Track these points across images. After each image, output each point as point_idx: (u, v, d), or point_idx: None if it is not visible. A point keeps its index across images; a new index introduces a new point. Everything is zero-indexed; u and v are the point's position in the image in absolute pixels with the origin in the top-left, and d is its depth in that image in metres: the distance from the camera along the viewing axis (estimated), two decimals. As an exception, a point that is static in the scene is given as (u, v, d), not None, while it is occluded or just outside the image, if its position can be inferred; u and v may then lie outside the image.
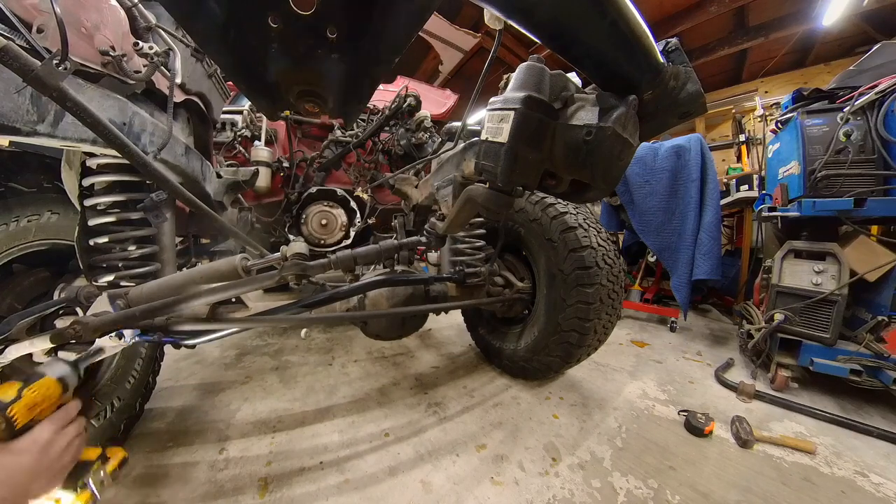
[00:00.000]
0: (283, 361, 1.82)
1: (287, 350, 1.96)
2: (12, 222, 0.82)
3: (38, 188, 0.88)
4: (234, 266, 0.84)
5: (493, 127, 0.64)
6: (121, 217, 0.89)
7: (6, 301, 0.92)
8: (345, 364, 1.81)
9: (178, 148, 0.89)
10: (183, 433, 1.23)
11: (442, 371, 1.78)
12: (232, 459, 1.12)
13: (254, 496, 0.99)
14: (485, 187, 0.72)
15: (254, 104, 0.92)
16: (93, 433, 1.00)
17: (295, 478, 1.05)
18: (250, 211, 1.64)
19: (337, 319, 1.48)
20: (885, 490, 1.08)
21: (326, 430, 1.27)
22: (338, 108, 0.69)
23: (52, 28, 0.61)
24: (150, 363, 1.24)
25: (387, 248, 0.98)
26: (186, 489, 1.00)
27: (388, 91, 2.08)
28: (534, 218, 1.48)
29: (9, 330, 0.80)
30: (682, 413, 1.43)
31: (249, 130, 1.80)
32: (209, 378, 1.62)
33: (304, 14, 0.41)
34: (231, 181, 1.31)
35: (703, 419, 1.34)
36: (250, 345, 2.01)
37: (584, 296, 1.35)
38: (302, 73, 0.58)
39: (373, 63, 0.51)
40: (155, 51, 0.81)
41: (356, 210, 1.82)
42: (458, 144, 0.96)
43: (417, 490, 1.02)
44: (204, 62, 1.11)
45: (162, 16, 0.91)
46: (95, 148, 0.71)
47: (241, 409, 1.39)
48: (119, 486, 0.99)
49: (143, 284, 0.87)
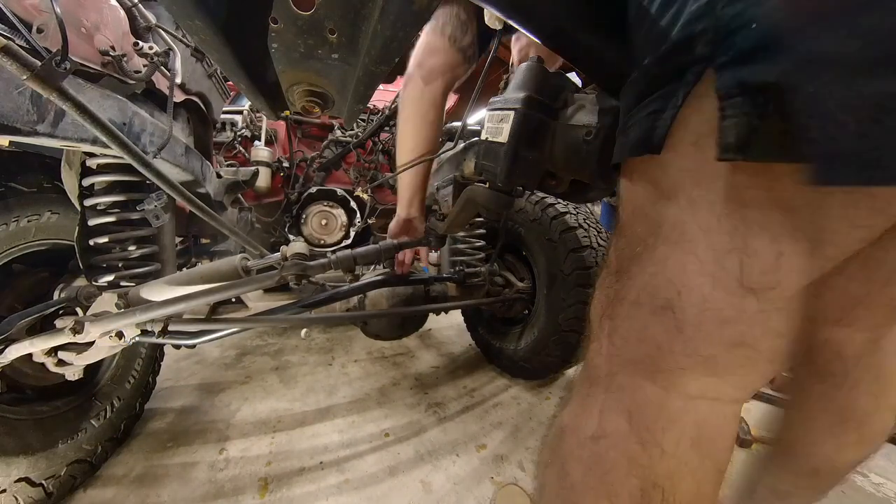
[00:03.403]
0: (283, 361, 1.82)
1: (287, 350, 1.96)
2: (12, 222, 0.82)
3: (38, 188, 0.88)
4: (234, 266, 0.84)
5: (493, 127, 0.64)
6: (121, 217, 0.88)
7: (6, 301, 0.92)
8: (345, 364, 1.81)
9: (178, 148, 0.89)
10: (183, 433, 1.23)
11: (442, 371, 1.78)
12: (232, 459, 1.12)
13: (254, 496, 0.99)
14: (485, 187, 0.72)
15: (254, 104, 0.92)
16: (93, 433, 1.00)
17: (295, 478, 1.05)
18: (250, 211, 1.65)
19: (337, 319, 1.48)
20: (885, 490, 1.08)
21: (326, 430, 1.27)
22: (338, 108, 0.69)
23: (52, 28, 0.61)
24: (150, 363, 1.24)
25: (387, 248, 0.98)
26: (186, 489, 1.00)
27: (388, 91, 2.08)
28: (534, 218, 1.48)
29: (9, 330, 0.80)
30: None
31: (249, 130, 1.80)
32: (209, 378, 1.62)
33: (304, 14, 0.41)
34: (231, 181, 1.32)
35: (703, 419, 1.34)
36: (250, 345, 2.01)
37: (585, 296, 1.35)
38: (302, 73, 0.58)
39: (373, 63, 0.51)
40: (155, 51, 0.81)
41: (356, 210, 1.82)
42: (458, 144, 0.96)
43: (417, 490, 1.02)
44: (204, 62, 1.11)
45: (162, 16, 0.91)
46: (95, 148, 0.71)
47: (241, 409, 1.39)
48: (119, 486, 0.99)
49: (143, 284, 0.87)
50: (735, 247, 0.31)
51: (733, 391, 0.35)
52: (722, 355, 0.33)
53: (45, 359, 0.84)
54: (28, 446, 0.85)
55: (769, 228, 0.30)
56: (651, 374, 0.36)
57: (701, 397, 0.35)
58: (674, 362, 0.34)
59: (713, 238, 0.32)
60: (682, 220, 0.34)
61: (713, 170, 0.31)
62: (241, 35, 0.47)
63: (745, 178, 0.30)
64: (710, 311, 0.32)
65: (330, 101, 0.66)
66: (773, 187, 0.29)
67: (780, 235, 0.30)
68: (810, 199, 0.28)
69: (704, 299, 0.33)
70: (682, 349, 0.34)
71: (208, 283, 0.83)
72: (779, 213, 0.30)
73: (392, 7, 0.40)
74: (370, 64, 0.51)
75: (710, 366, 0.33)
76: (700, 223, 0.33)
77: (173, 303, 0.79)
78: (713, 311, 0.32)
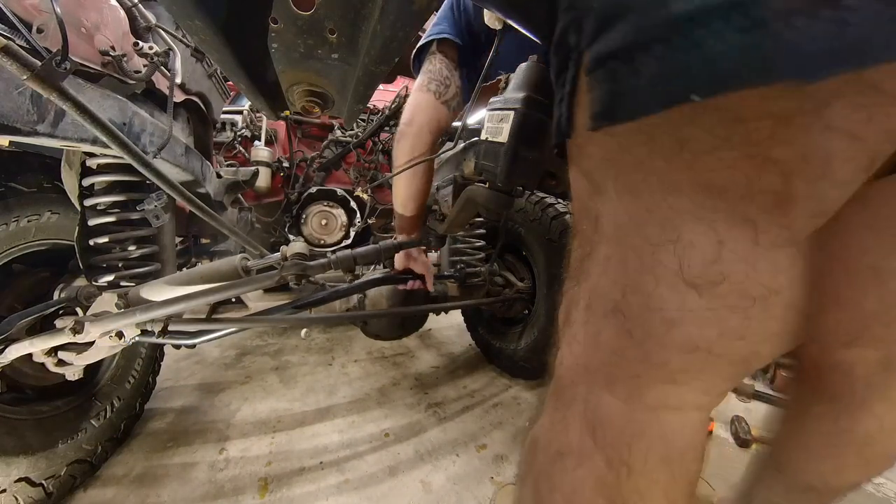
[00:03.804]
0: (283, 361, 1.82)
1: (287, 350, 1.96)
2: (12, 222, 0.82)
3: (38, 188, 0.88)
4: (234, 266, 0.84)
5: (493, 127, 0.64)
6: (121, 217, 0.89)
7: (6, 301, 0.92)
8: (345, 364, 1.81)
9: (178, 148, 0.89)
10: (183, 433, 1.22)
11: (442, 371, 1.78)
12: (232, 459, 1.12)
13: (254, 496, 0.99)
14: (485, 187, 0.72)
15: (254, 104, 0.92)
16: (93, 433, 1.00)
17: (295, 478, 1.05)
18: (250, 211, 1.65)
19: (337, 319, 1.48)
20: (885, 490, 1.08)
21: (326, 430, 1.27)
22: (338, 108, 0.69)
23: (53, 28, 0.61)
24: (149, 363, 1.24)
25: (387, 248, 0.98)
26: (186, 489, 1.00)
27: (388, 91, 2.08)
28: (534, 218, 1.48)
29: (9, 330, 0.80)
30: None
31: (249, 130, 1.80)
32: (209, 378, 1.62)
33: (303, 14, 0.41)
34: (231, 181, 1.32)
35: (703, 419, 1.34)
36: (250, 345, 2.01)
37: (584, 296, 1.35)
38: (302, 73, 0.58)
39: (372, 63, 0.51)
40: (155, 51, 0.81)
41: (356, 210, 1.82)
42: (458, 144, 0.96)
43: (417, 490, 1.02)
44: (204, 62, 1.11)
45: (162, 16, 0.91)
46: (95, 148, 0.71)
47: (241, 409, 1.39)
48: (119, 486, 0.99)
49: (142, 284, 0.87)
50: (669, 239, 0.28)
51: (696, 397, 0.32)
52: (675, 361, 0.30)
53: (45, 359, 0.84)
54: (28, 446, 0.85)
55: (701, 215, 0.27)
56: (609, 384, 0.33)
57: (663, 407, 0.32)
58: (629, 370, 0.32)
59: (647, 231, 0.30)
60: (614, 213, 0.32)
61: (628, 156, 0.30)
62: (241, 35, 0.47)
63: (661, 162, 0.28)
64: (655, 312, 0.30)
65: (330, 101, 0.66)
66: (693, 166, 0.27)
67: (715, 222, 0.27)
68: (729, 173, 0.26)
69: (648, 300, 0.30)
70: (636, 355, 0.31)
71: (208, 283, 0.83)
72: (707, 196, 0.27)
73: (392, 7, 0.40)
74: (370, 64, 0.51)
75: (665, 372, 0.31)
76: (631, 216, 0.31)
77: (173, 303, 0.79)
78: (658, 311, 0.30)
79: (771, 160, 0.25)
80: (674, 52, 0.25)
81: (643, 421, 0.32)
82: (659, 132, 0.27)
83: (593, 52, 0.30)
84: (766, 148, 0.24)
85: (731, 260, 0.27)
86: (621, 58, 0.28)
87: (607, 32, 0.28)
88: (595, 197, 0.35)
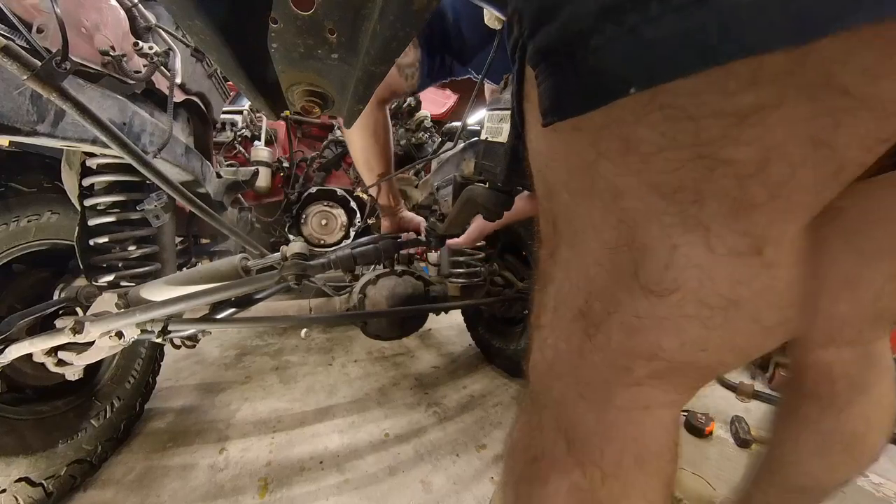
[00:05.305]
0: (283, 361, 1.82)
1: (287, 350, 1.96)
2: (12, 222, 0.82)
3: (38, 188, 0.88)
4: (234, 266, 0.84)
5: (493, 127, 0.64)
6: (121, 217, 0.89)
7: (6, 301, 0.92)
8: (345, 364, 1.81)
9: (178, 148, 0.89)
10: (183, 433, 1.22)
11: (442, 371, 1.78)
12: (232, 459, 1.12)
13: (254, 496, 0.98)
14: (485, 187, 0.72)
15: (254, 104, 0.92)
16: (92, 433, 1.00)
17: (295, 478, 1.05)
18: (250, 211, 1.65)
19: (337, 319, 1.48)
20: (885, 490, 1.08)
21: (326, 430, 1.27)
22: (338, 108, 0.69)
23: (53, 28, 0.61)
24: (149, 363, 1.24)
25: (387, 248, 0.98)
26: (186, 489, 1.00)
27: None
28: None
29: (9, 330, 0.80)
30: (683, 413, 1.43)
31: (249, 130, 1.80)
32: (209, 378, 1.62)
33: (303, 14, 0.41)
34: (231, 181, 1.32)
35: (703, 419, 1.34)
36: (250, 345, 2.01)
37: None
38: (302, 74, 0.58)
39: (372, 63, 0.51)
40: (155, 51, 0.81)
41: (356, 210, 1.82)
42: (458, 144, 0.96)
43: (417, 490, 1.02)
44: (204, 62, 1.11)
45: (162, 16, 0.91)
46: (95, 148, 0.71)
47: (241, 409, 1.39)
48: (119, 486, 0.99)
49: (142, 284, 0.87)
50: (624, 242, 0.27)
51: (665, 395, 0.31)
52: (639, 368, 0.29)
53: (45, 359, 0.84)
54: (28, 446, 0.85)
55: (655, 218, 0.26)
56: (580, 388, 0.33)
57: (632, 408, 0.31)
58: (597, 374, 0.31)
59: (603, 235, 0.29)
60: (568, 214, 0.32)
61: (575, 157, 0.29)
62: (240, 35, 0.47)
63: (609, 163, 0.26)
64: (616, 318, 0.29)
65: (330, 101, 0.66)
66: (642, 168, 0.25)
67: (669, 226, 0.25)
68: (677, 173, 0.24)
69: (608, 305, 0.29)
70: (601, 361, 0.31)
71: (208, 283, 0.83)
72: (659, 197, 0.25)
73: (392, 7, 0.40)
74: (370, 64, 0.51)
75: (632, 378, 0.30)
76: (587, 218, 0.30)
77: (173, 303, 0.79)
78: (619, 317, 0.29)
79: (723, 162, 0.22)
80: (610, 42, 0.23)
81: (614, 423, 0.32)
82: (605, 131, 0.26)
83: (535, 45, 0.28)
84: (718, 148, 0.22)
85: (685, 266, 0.26)
86: (562, 51, 0.26)
87: (547, 24, 0.27)
88: (551, 197, 0.34)
